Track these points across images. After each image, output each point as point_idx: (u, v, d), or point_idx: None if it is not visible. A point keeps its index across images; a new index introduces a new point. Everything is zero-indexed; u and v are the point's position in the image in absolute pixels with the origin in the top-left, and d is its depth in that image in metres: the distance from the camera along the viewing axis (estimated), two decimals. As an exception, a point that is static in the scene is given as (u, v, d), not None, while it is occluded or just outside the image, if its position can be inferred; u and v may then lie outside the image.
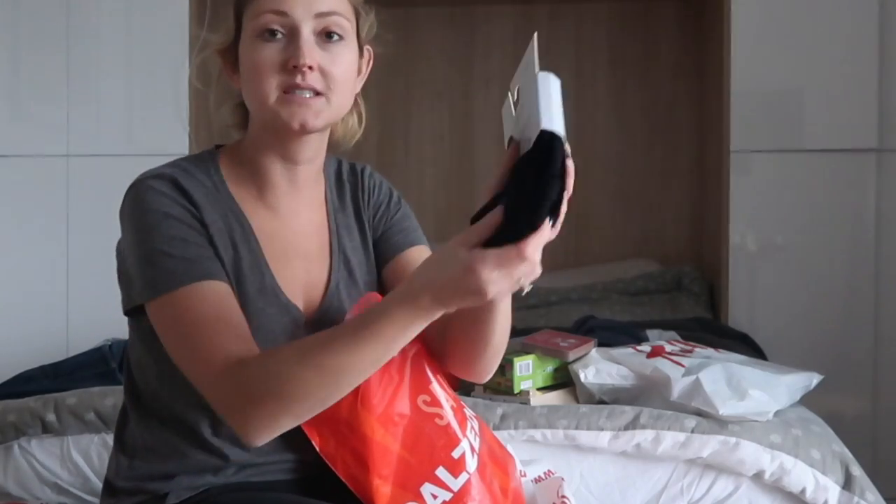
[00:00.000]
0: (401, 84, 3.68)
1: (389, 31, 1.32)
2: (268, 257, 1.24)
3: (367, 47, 1.30)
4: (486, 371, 1.28)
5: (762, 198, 2.93)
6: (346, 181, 1.37)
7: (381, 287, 1.35)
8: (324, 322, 1.25)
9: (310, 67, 1.17)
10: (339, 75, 1.20)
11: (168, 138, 2.95)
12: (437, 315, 1.04)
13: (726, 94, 2.95)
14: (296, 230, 1.28)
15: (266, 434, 1.10)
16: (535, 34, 1.01)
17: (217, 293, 1.14)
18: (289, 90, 1.17)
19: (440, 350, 1.27)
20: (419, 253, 1.36)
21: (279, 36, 1.18)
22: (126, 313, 1.23)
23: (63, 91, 2.99)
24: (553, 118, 0.98)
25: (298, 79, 1.17)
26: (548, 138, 0.98)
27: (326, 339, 1.08)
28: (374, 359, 1.07)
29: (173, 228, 1.16)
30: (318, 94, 1.18)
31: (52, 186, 2.99)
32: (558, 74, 1.02)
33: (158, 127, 2.99)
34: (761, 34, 2.91)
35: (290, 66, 1.17)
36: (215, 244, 1.19)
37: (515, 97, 1.05)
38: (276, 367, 1.07)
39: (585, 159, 3.72)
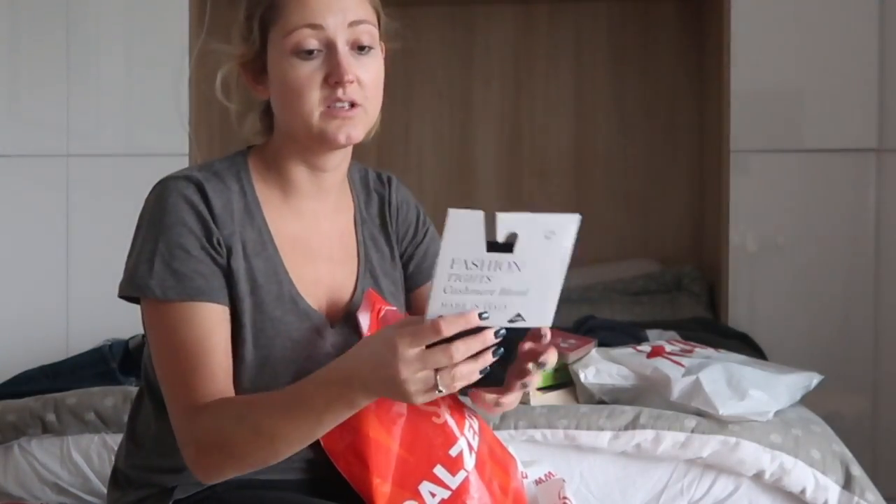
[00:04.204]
0: (401, 84, 3.68)
1: (398, 23, 1.32)
2: (288, 262, 1.24)
3: (381, 43, 1.31)
4: None
5: (762, 198, 2.93)
6: (373, 191, 1.38)
7: (411, 308, 1.37)
8: (348, 328, 1.26)
9: (350, 81, 1.18)
10: (373, 85, 1.22)
11: (168, 138, 2.95)
12: (361, 398, 1.04)
13: (726, 94, 2.95)
14: (321, 234, 1.29)
15: (213, 479, 1.15)
16: (578, 218, 0.96)
17: (204, 317, 1.16)
18: (331, 104, 1.18)
19: None
20: None
21: (315, 53, 1.19)
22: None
23: (63, 91, 2.99)
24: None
25: (340, 93, 1.18)
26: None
27: (268, 401, 1.10)
28: (307, 428, 1.07)
29: (182, 237, 1.16)
30: (355, 105, 1.20)
31: (52, 186, 2.99)
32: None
33: (158, 127, 2.99)
34: (761, 34, 2.91)
35: (333, 82, 1.18)
36: (226, 256, 1.19)
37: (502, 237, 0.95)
38: (222, 422, 1.10)
39: (585, 159, 3.73)
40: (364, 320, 1.23)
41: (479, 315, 0.97)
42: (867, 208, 2.88)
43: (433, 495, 1.19)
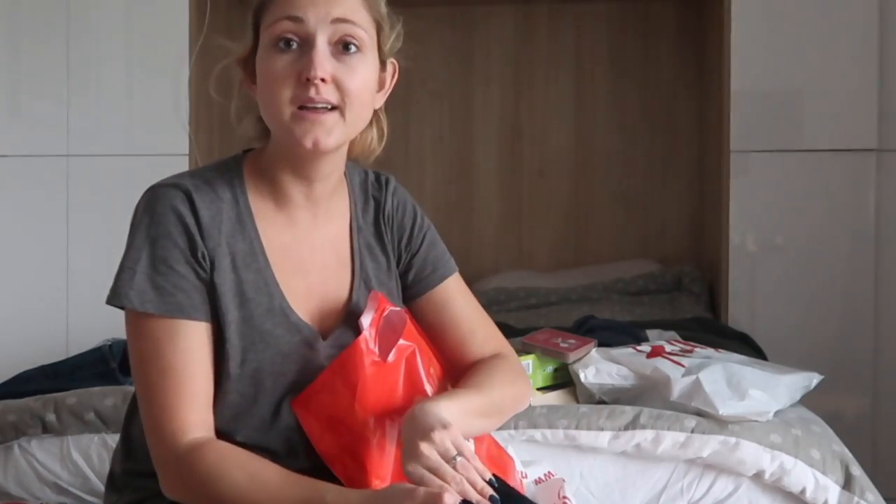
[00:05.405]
0: (401, 84, 3.67)
1: (413, 42, 1.29)
2: (279, 274, 1.22)
3: (391, 61, 1.27)
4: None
5: (762, 198, 2.93)
6: (370, 196, 1.34)
7: (414, 318, 1.34)
8: (343, 339, 1.24)
9: (322, 80, 1.13)
10: (354, 89, 1.16)
11: (168, 138, 2.95)
12: None
13: (726, 94, 2.95)
14: (313, 244, 1.26)
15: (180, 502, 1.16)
16: None
17: (185, 336, 1.15)
18: (302, 105, 1.13)
19: None
20: (453, 285, 1.36)
21: (294, 46, 1.15)
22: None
23: (63, 91, 2.99)
24: None
25: (312, 92, 1.12)
26: None
27: (277, 489, 1.09)
28: None
29: (166, 250, 1.15)
30: (331, 108, 1.14)
31: (52, 186, 2.99)
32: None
33: (158, 127, 2.99)
34: (761, 34, 2.91)
35: (304, 79, 1.13)
36: (209, 270, 1.17)
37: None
38: (220, 479, 1.09)
39: (586, 159, 3.73)
40: (366, 320, 1.23)
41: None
42: (867, 208, 2.88)
43: (433, 495, 1.19)
